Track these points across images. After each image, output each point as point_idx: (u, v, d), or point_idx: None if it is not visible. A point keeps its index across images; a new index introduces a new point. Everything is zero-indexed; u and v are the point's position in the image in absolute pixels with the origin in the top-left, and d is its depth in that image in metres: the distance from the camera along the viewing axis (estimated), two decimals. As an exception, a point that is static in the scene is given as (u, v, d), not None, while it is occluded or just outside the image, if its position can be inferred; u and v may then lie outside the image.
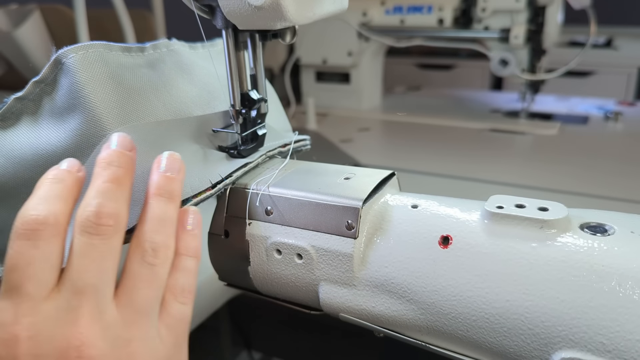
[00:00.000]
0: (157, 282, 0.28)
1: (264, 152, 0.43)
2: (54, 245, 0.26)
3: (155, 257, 0.28)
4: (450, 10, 1.10)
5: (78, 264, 0.26)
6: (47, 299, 0.25)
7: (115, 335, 0.25)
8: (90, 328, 0.25)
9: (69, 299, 0.25)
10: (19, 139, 0.34)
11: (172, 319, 0.29)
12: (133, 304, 0.27)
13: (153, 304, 0.28)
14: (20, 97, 0.35)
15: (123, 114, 0.34)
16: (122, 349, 0.25)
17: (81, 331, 0.24)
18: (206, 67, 0.43)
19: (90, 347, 0.24)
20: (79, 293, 0.25)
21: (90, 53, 0.34)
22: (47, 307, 0.25)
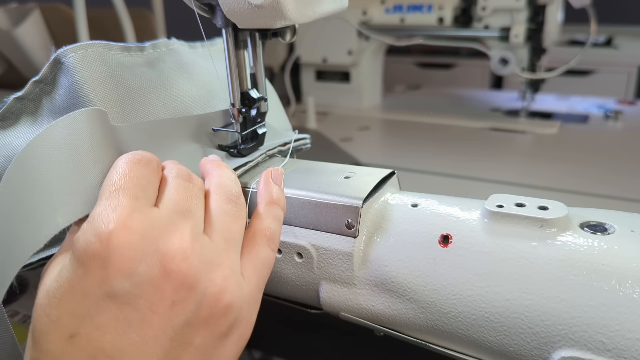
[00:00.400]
0: (241, 219, 0.30)
1: (264, 151, 0.43)
2: (158, 176, 0.28)
3: (235, 201, 0.30)
4: (450, 9, 1.10)
5: (177, 193, 0.28)
6: (152, 208, 0.26)
7: (209, 257, 0.26)
8: (189, 242, 0.26)
9: (171, 216, 0.26)
10: (18, 139, 0.34)
11: (259, 260, 0.30)
12: (222, 233, 0.28)
13: (237, 239, 0.29)
14: (20, 97, 0.35)
15: (122, 113, 0.34)
16: (214, 272, 0.26)
17: (180, 241, 0.25)
18: (206, 66, 0.43)
19: (185, 261, 0.25)
20: (179, 213, 0.27)
21: (89, 52, 0.34)
22: (153, 212, 0.26)
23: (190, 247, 0.25)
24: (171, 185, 0.28)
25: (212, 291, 0.26)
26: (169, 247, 0.25)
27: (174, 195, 0.27)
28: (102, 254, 0.24)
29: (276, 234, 0.32)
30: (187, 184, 0.29)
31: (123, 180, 0.26)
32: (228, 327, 0.27)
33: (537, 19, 1.03)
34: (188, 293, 0.25)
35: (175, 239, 0.25)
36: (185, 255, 0.25)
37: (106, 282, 0.24)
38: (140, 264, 0.24)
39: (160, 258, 0.24)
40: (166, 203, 0.27)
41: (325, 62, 1.27)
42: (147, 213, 0.25)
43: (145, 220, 0.25)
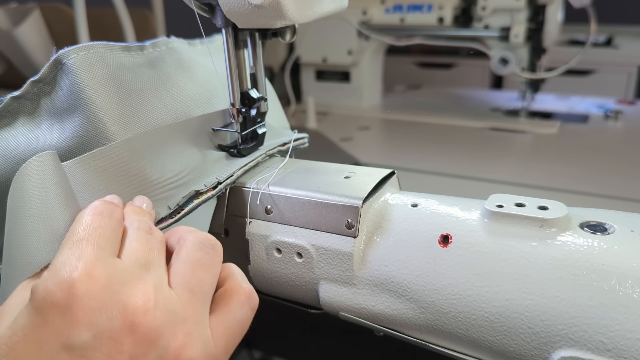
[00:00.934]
0: (214, 267, 0.29)
1: (263, 151, 0.43)
2: (121, 228, 0.28)
3: (210, 248, 0.29)
4: (451, 8, 1.10)
5: (139, 245, 0.27)
6: (115, 259, 0.26)
7: (172, 311, 0.26)
8: (152, 295, 0.25)
9: (133, 268, 0.26)
10: (16, 139, 0.34)
11: (234, 321, 0.29)
12: (188, 284, 0.27)
13: (207, 290, 0.28)
14: (17, 96, 0.34)
15: (124, 115, 0.34)
16: (176, 327, 0.25)
17: (144, 294, 0.25)
18: (205, 64, 0.43)
19: (147, 314, 0.24)
20: (142, 265, 0.26)
21: (91, 54, 0.34)
22: (117, 263, 0.25)
23: (153, 300, 0.25)
24: (133, 237, 0.28)
25: (173, 346, 0.25)
26: (132, 299, 0.24)
27: (135, 247, 0.27)
28: (63, 302, 0.23)
29: (255, 295, 0.30)
30: (148, 237, 0.28)
31: (87, 231, 0.26)
32: None
33: (537, 19, 1.03)
34: (148, 348, 0.24)
35: (138, 291, 0.25)
36: (147, 309, 0.24)
37: (64, 333, 0.23)
38: (101, 315, 0.23)
39: (121, 310, 0.24)
40: (128, 255, 0.26)
41: (325, 62, 1.27)
42: (111, 263, 0.25)
43: (109, 270, 0.24)
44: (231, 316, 0.28)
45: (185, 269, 0.27)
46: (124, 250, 0.27)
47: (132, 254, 0.27)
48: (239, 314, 0.29)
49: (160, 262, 0.27)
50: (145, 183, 0.35)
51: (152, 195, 0.35)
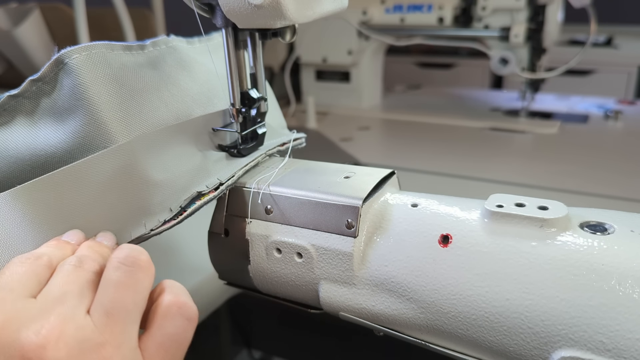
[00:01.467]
0: (135, 285, 0.28)
1: (263, 151, 0.43)
2: (48, 270, 0.28)
3: (130, 265, 0.28)
4: (451, 8, 1.10)
5: (58, 279, 0.27)
6: (24, 299, 0.26)
7: (84, 339, 0.25)
8: (58, 328, 0.25)
9: (44, 304, 0.26)
10: (13, 138, 0.34)
11: (166, 337, 0.28)
12: (104, 307, 0.26)
13: (130, 310, 0.27)
14: (15, 95, 0.34)
15: (126, 116, 0.34)
16: (92, 353, 0.25)
17: (47, 329, 0.25)
18: (205, 63, 0.43)
19: (47, 347, 0.24)
20: (55, 300, 0.26)
21: (93, 54, 0.33)
22: (22, 304, 0.26)
23: (57, 333, 0.24)
24: (56, 274, 0.28)
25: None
26: (30, 336, 0.24)
27: (53, 283, 0.27)
28: None
29: (188, 304, 0.29)
30: (74, 269, 0.28)
31: (6, 278, 0.27)
32: None
33: (537, 19, 1.03)
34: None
35: (41, 327, 0.25)
36: (47, 342, 0.24)
37: None
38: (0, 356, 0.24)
39: (19, 349, 0.24)
40: (44, 292, 0.27)
41: (325, 62, 1.27)
42: (16, 304, 0.25)
43: (8, 312, 0.25)
44: (162, 332, 0.28)
45: (102, 293, 0.27)
46: (44, 289, 0.27)
47: (48, 290, 0.27)
48: (171, 327, 0.28)
49: (81, 292, 0.27)
50: (147, 185, 0.35)
51: (155, 197, 0.35)
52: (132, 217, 0.35)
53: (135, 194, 0.34)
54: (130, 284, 0.27)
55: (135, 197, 0.34)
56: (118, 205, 0.34)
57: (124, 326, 0.26)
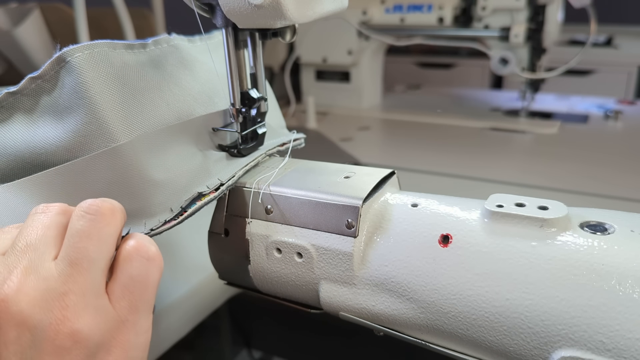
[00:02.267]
0: (97, 234, 0.28)
1: (263, 151, 0.43)
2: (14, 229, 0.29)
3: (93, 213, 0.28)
4: (450, 8, 1.10)
5: (24, 230, 0.28)
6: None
7: (47, 289, 0.26)
8: (17, 280, 0.26)
9: (8, 257, 0.27)
10: (11, 134, 0.34)
11: (130, 279, 0.28)
12: (68, 257, 0.27)
13: (93, 258, 0.27)
14: (14, 92, 0.34)
15: (128, 115, 0.34)
16: (52, 302, 0.26)
17: (7, 282, 0.25)
18: (206, 62, 0.43)
19: (8, 300, 0.25)
20: (18, 251, 0.27)
21: (96, 52, 0.33)
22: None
23: (16, 285, 0.25)
24: (24, 225, 0.28)
25: (49, 322, 0.25)
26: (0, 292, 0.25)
27: (20, 235, 0.27)
28: None
29: (147, 245, 0.29)
30: (39, 216, 0.28)
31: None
32: (86, 356, 0.26)
33: (537, 19, 1.03)
34: (21, 331, 0.25)
35: (3, 281, 0.25)
36: (6, 294, 0.25)
37: None
38: None
39: None
40: (12, 246, 0.27)
41: (325, 62, 1.27)
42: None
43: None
44: (125, 274, 0.28)
45: (66, 242, 0.27)
46: (12, 243, 0.27)
47: (14, 245, 0.27)
48: (132, 269, 0.28)
49: (46, 242, 0.27)
50: (148, 185, 0.35)
51: (156, 197, 0.35)
52: (133, 217, 0.35)
53: (135, 193, 0.34)
54: (93, 233, 0.27)
55: (135, 197, 0.34)
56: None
57: (87, 274, 0.27)
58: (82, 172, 0.33)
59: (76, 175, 0.33)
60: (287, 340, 0.81)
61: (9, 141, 0.34)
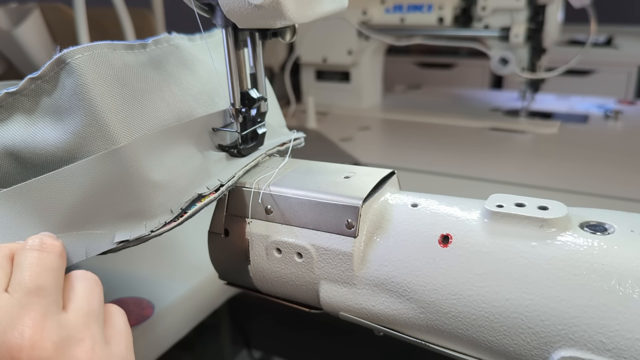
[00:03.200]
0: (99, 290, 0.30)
1: (263, 151, 0.43)
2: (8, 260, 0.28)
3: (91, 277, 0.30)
4: (451, 8, 1.10)
5: (29, 270, 0.27)
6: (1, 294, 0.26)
7: (67, 335, 0.26)
8: (41, 325, 0.25)
9: (22, 298, 0.26)
10: (10, 134, 0.34)
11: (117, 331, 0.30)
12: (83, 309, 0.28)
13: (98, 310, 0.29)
14: (13, 92, 0.34)
15: (128, 117, 0.34)
16: (74, 349, 0.26)
17: (31, 328, 0.25)
18: (207, 61, 0.43)
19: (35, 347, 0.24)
20: (32, 293, 0.26)
21: (95, 54, 0.33)
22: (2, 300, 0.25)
23: (41, 331, 0.25)
24: (24, 262, 0.27)
25: None
26: (17, 336, 0.24)
27: (25, 274, 0.27)
28: None
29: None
30: (41, 255, 0.28)
31: None
32: None
33: (537, 19, 1.03)
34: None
35: (25, 325, 0.25)
36: (34, 341, 0.24)
37: None
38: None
39: (8, 350, 0.24)
40: (17, 285, 0.26)
41: (325, 61, 1.27)
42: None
43: None
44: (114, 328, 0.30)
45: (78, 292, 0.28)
46: (14, 279, 0.26)
47: (21, 283, 0.26)
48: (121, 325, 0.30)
49: (54, 283, 0.27)
50: (148, 186, 0.35)
51: (156, 198, 0.35)
52: (133, 219, 0.35)
53: (135, 195, 0.34)
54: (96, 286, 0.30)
55: (135, 199, 0.34)
56: (118, 206, 0.34)
57: (97, 324, 0.28)
58: (82, 174, 0.33)
59: (76, 177, 0.33)
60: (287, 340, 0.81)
61: (8, 141, 0.34)
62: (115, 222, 0.34)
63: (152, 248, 0.56)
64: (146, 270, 0.59)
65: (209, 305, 0.59)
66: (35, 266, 0.27)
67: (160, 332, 0.52)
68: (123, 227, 0.35)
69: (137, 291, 0.54)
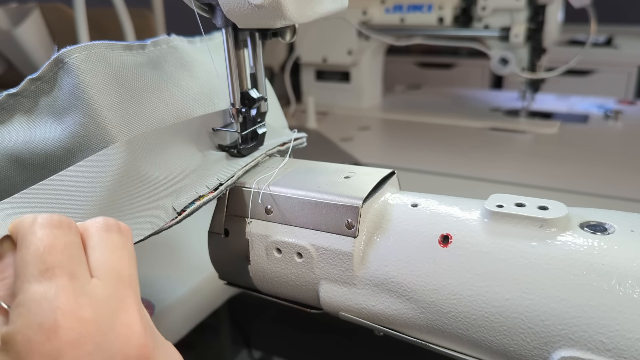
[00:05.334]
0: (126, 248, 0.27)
1: (263, 151, 0.43)
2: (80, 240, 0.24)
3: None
4: (451, 8, 1.10)
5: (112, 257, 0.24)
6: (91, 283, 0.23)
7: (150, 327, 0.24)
8: (139, 319, 0.23)
9: (117, 290, 0.23)
10: (11, 136, 0.34)
11: None
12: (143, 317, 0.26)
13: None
14: (14, 94, 0.34)
15: (126, 116, 0.34)
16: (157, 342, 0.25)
17: (134, 321, 0.22)
18: (206, 63, 0.43)
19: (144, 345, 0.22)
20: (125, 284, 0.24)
21: (93, 53, 0.33)
22: (98, 290, 0.22)
23: (143, 325, 0.23)
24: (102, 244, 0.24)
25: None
26: (127, 333, 0.22)
27: (109, 260, 0.24)
28: (53, 353, 0.20)
29: None
30: (116, 237, 0.25)
31: (54, 255, 0.22)
32: None
33: (537, 19, 1.03)
34: None
35: (130, 320, 0.22)
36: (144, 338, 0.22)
37: None
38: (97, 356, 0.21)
39: (120, 346, 0.21)
40: (104, 271, 0.23)
41: (325, 62, 1.27)
42: (94, 294, 0.22)
43: (95, 304, 0.22)
44: None
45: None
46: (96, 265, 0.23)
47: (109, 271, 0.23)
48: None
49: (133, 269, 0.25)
50: (147, 184, 0.35)
51: (155, 196, 0.35)
52: (131, 217, 0.35)
53: (134, 193, 0.34)
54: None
55: (134, 197, 0.34)
56: (117, 205, 0.34)
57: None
58: (81, 174, 0.33)
59: (75, 177, 0.33)
60: (287, 340, 0.81)
61: (9, 143, 0.34)
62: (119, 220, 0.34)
63: (152, 248, 0.56)
64: (146, 270, 0.59)
65: (209, 305, 0.59)
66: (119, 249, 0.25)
67: (160, 332, 0.51)
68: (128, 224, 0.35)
69: (137, 291, 0.54)
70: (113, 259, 0.24)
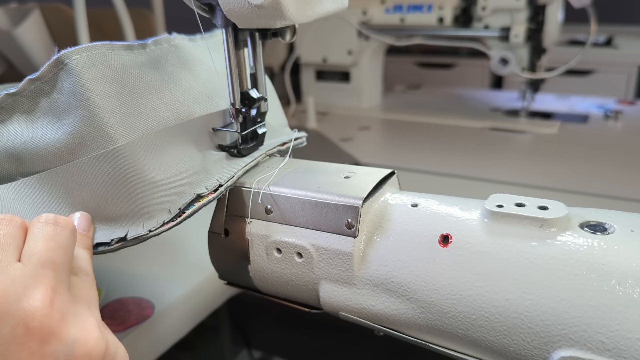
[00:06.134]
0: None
1: (263, 151, 0.43)
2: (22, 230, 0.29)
3: None
4: (451, 8, 1.10)
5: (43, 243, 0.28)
6: (12, 265, 0.27)
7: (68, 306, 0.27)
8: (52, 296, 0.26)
9: (35, 269, 0.27)
10: (10, 135, 0.34)
11: None
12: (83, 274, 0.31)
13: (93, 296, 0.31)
14: (13, 93, 0.34)
15: (126, 117, 0.34)
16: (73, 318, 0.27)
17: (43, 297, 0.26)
18: (207, 62, 0.43)
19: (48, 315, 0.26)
20: (44, 265, 0.27)
21: (94, 54, 0.33)
22: (16, 270, 0.26)
23: (49, 301, 0.26)
24: (39, 234, 0.28)
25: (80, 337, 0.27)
26: (31, 304, 0.25)
27: (38, 246, 0.28)
28: None
29: None
30: (55, 229, 0.29)
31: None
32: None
33: (537, 19, 1.03)
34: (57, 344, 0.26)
35: (39, 295, 0.26)
36: (47, 311, 0.26)
37: None
38: (3, 325, 0.25)
39: (22, 317, 0.25)
40: (30, 256, 0.27)
41: (325, 61, 1.27)
42: (8, 272, 0.26)
43: (5, 280, 0.25)
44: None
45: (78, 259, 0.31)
46: (27, 251, 0.27)
47: (34, 254, 0.27)
48: None
49: (65, 257, 0.28)
50: (146, 186, 0.35)
51: (154, 198, 0.35)
52: (131, 218, 0.35)
53: (134, 195, 0.34)
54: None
55: (134, 198, 0.34)
56: (116, 206, 0.34)
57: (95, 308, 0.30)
58: (81, 174, 0.33)
59: (74, 176, 0.33)
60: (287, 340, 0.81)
61: (8, 142, 0.34)
62: (113, 221, 0.35)
63: (152, 248, 0.56)
64: (146, 270, 0.59)
65: (209, 305, 0.59)
66: (49, 240, 0.28)
67: (160, 332, 0.52)
68: (120, 225, 0.35)
69: (137, 291, 0.54)
70: (40, 246, 0.28)
